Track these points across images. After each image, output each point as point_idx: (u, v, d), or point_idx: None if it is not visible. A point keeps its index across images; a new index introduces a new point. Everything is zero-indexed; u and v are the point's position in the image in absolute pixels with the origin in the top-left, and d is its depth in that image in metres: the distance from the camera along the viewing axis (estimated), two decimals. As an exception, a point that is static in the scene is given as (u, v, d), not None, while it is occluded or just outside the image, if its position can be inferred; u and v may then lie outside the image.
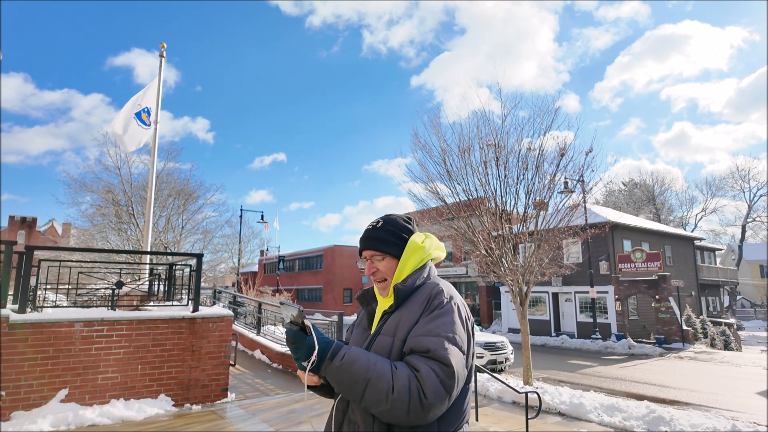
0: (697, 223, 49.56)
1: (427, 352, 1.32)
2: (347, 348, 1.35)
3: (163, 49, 12.19)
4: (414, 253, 1.57)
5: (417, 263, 1.57)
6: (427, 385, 1.26)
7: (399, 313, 1.48)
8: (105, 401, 5.98)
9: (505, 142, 10.74)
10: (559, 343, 22.56)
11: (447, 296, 1.47)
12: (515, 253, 10.51)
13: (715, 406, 9.91)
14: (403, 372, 1.29)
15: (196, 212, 27.66)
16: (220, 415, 6.24)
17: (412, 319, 1.43)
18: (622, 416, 7.72)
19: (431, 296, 1.47)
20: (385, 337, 1.46)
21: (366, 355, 1.33)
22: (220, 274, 44.47)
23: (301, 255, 48.98)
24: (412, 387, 1.26)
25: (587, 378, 13.32)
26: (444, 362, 1.30)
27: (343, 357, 1.31)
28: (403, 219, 1.66)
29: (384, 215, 1.68)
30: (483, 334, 14.95)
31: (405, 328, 1.42)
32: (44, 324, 5.75)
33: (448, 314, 1.41)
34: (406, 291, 1.51)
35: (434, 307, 1.43)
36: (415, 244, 1.58)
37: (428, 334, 1.36)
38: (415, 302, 1.48)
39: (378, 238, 1.59)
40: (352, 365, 1.30)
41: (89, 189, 23.83)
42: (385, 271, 1.57)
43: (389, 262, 1.57)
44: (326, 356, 1.32)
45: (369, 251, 1.60)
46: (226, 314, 7.13)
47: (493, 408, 8.35)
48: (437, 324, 1.38)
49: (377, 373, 1.28)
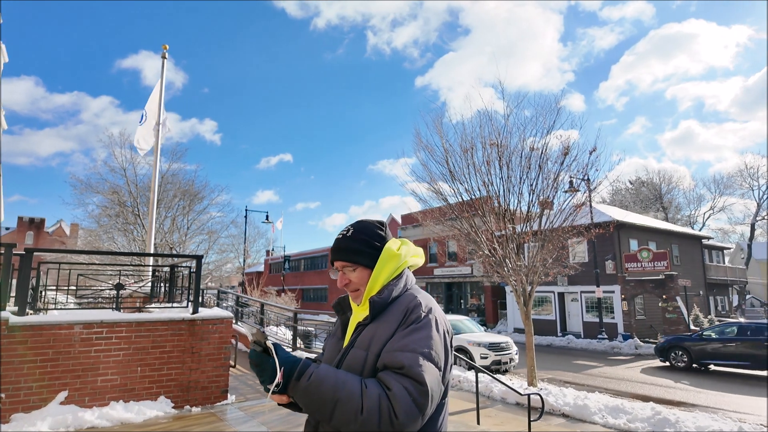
0: (705, 222, 49.11)
1: (401, 369, 1.26)
2: (315, 367, 1.29)
3: (165, 50, 12.25)
4: (389, 261, 1.49)
5: (392, 272, 1.49)
6: (399, 405, 1.20)
7: (374, 326, 1.41)
8: (104, 403, 5.97)
9: (508, 142, 10.66)
10: (565, 343, 22.40)
11: (425, 309, 1.40)
12: (519, 253, 10.42)
13: (723, 408, 9.77)
14: (374, 391, 1.23)
15: (202, 213, 27.79)
16: (220, 417, 6.22)
17: (387, 332, 1.37)
18: (627, 418, 7.62)
19: (408, 309, 1.39)
20: (359, 350, 1.39)
21: (335, 374, 1.28)
22: (226, 274, 44.65)
23: (306, 255, 49.05)
24: (382, 407, 1.20)
25: (593, 379, 13.20)
26: (418, 380, 1.24)
27: (311, 377, 1.26)
28: (376, 225, 1.58)
29: (355, 222, 1.60)
30: (487, 335, 14.85)
31: (380, 342, 1.36)
32: (44, 326, 5.75)
33: (425, 328, 1.34)
34: (381, 303, 1.44)
35: (411, 321, 1.36)
36: (390, 251, 1.50)
37: (403, 349, 1.30)
38: (391, 315, 1.41)
39: (348, 248, 1.51)
40: (320, 385, 1.24)
41: (95, 190, 24.02)
42: (358, 281, 1.50)
43: (361, 272, 1.50)
44: (293, 377, 1.27)
45: (340, 262, 1.52)
46: (225, 316, 7.11)
47: (496, 409, 8.28)
48: (413, 339, 1.32)
49: (346, 392, 1.22)
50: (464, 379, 10.07)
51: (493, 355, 13.11)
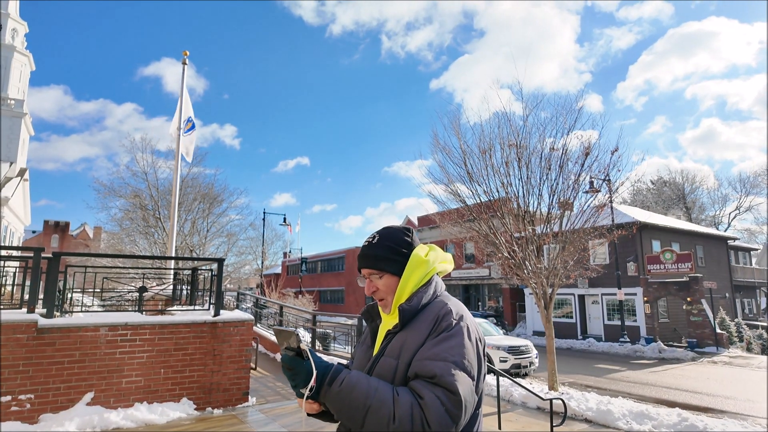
0: (730, 222, 47.84)
1: (433, 378, 1.24)
2: (347, 372, 1.28)
3: (185, 56, 12.45)
4: (417, 268, 1.47)
5: (421, 279, 1.47)
6: (431, 414, 1.18)
7: (404, 334, 1.39)
8: (129, 404, 6.08)
9: (528, 142, 10.53)
10: (586, 347, 22.01)
11: (456, 317, 1.37)
12: (539, 255, 10.28)
13: (753, 415, 9.48)
14: (406, 399, 1.21)
15: (221, 215, 28.18)
16: (241, 419, 6.27)
17: (418, 341, 1.35)
18: (653, 424, 7.45)
19: (439, 317, 1.37)
20: (389, 359, 1.38)
21: (367, 380, 1.26)
22: (245, 275, 45.16)
23: (323, 257, 49.28)
24: (414, 416, 1.18)
25: (615, 383, 12.94)
26: (450, 389, 1.22)
27: (342, 382, 1.25)
28: (402, 231, 1.55)
29: (381, 228, 1.58)
30: (507, 338, 14.69)
31: (410, 351, 1.34)
32: (71, 328, 5.88)
33: (456, 336, 1.32)
34: (411, 311, 1.42)
35: (442, 329, 1.34)
36: (418, 258, 1.48)
37: (434, 358, 1.28)
38: (421, 322, 1.39)
39: (374, 255, 1.49)
40: (351, 391, 1.23)
41: (118, 194, 24.55)
42: (385, 289, 1.48)
43: (388, 279, 1.48)
44: (325, 381, 1.26)
45: (366, 269, 1.51)
46: (246, 318, 7.17)
47: (517, 414, 8.17)
48: (444, 347, 1.30)
49: (378, 399, 1.21)
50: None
51: (512, 359, 12.95)
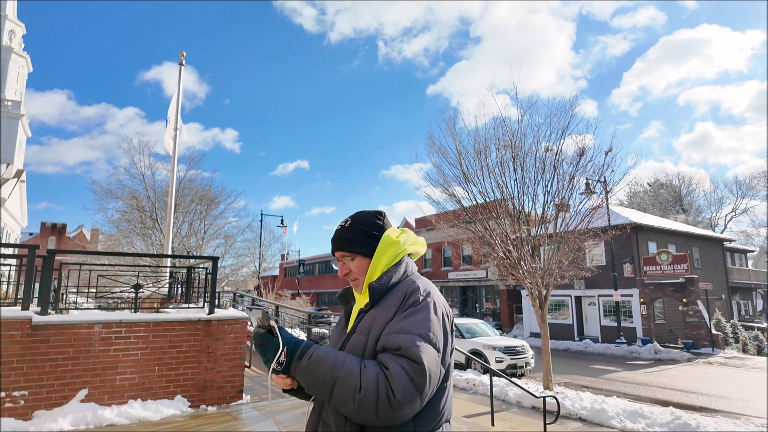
0: (726, 224, 48.00)
1: (398, 350, 1.28)
2: (316, 347, 1.33)
3: (182, 57, 12.47)
4: (387, 249, 1.52)
5: (391, 259, 1.52)
6: (396, 384, 1.22)
7: (374, 312, 1.45)
8: (123, 401, 6.08)
9: (523, 143, 10.60)
10: (583, 348, 22.05)
11: (423, 293, 1.42)
12: (534, 255, 10.32)
13: (746, 414, 9.52)
14: (372, 370, 1.25)
15: (218, 217, 28.08)
16: (235, 416, 6.28)
17: (386, 317, 1.40)
18: (646, 423, 7.49)
19: (407, 294, 1.42)
20: (360, 335, 1.43)
21: (334, 354, 1.31)
22: (242, 278, 45.10)
23: (321, 259, 49.31)
24: (380, 385, 1.22)
25: (611, 383, 12.97)
26: (415, 360, 1.26)
27: (312, 356, 1.29)
28: (374, 215, 1.61)
29: (354, 213, 1.63)
30: (503, 338, 14.72)
31: (379, 326, 1.39)
32: (65, 325, 5.89)
33: (422, 311, 1.37)
34: (381, 289, 1.47)
35: (409, 305, 1.39)
36: (388, 239, 1.54)
37: (400, 331, 1.32)
38: (390, 300, 1.44)
39: (346, 238, 1.55)
40: (319, 364, 1.27)
41: (115, 196, 24.46)
42: (357, 270, 1.54)
43: (360, 261, 1.54)
44: (294, 356, 1.31)
45: (339, 252, 1.57)
46: (240, 316, 7.19)
47: (511, 413, 8.20)
48: (411, 321, 1.34)
49: (345, 371, 1.25)
50: (479, 382, 9.99)
51: (508, 359, 12.98)
